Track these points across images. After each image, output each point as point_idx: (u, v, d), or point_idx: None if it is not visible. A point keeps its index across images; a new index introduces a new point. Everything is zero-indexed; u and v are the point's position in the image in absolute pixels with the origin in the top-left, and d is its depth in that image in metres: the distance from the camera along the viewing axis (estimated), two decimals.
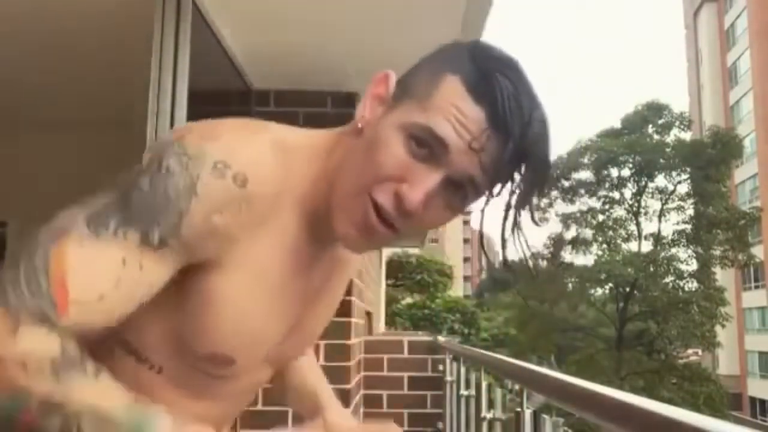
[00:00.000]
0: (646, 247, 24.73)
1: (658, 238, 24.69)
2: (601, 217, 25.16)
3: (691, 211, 24.61)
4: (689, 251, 24.36)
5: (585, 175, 25.44)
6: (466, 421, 3.19)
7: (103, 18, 2.54)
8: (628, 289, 23.28)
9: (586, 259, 25.08)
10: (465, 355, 3.41)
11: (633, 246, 24.89)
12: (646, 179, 24.98)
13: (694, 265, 24.05)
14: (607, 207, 25.38)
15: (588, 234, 25.16)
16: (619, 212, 25.42)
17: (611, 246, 24.77)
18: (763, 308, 32.23)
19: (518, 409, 1.60)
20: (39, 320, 0.69)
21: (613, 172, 25.08)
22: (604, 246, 24.92)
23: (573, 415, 1.09)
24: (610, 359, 22.92)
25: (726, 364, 33.44)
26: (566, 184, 25.46)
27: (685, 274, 23.59)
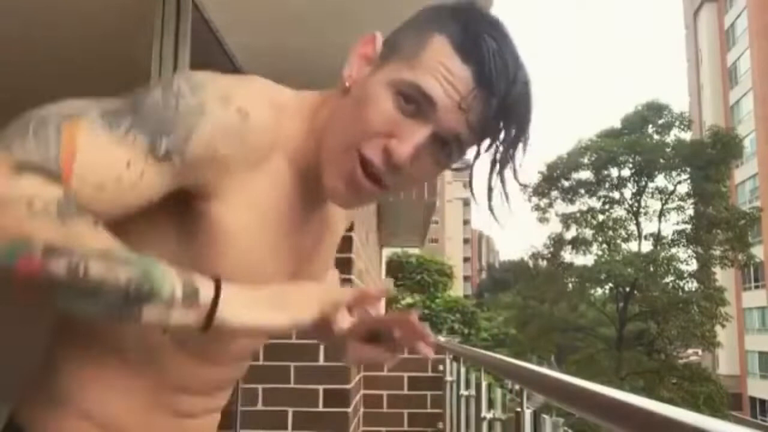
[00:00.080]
0: (646, 247, 24.78)
1: (658, 238, 24.71)
2: (601, 217, 25.16)
3: (691, 211, 24.63)
4: (689, 251, 24.40)
5: (585, 175, 25.47)
6: (466, 421, 3.19)
7: (103, 18, 2.54)
8: (628, 289, 23.29)
9: (586, 259, 25.11)
10: (465, 355, 3.41)
11: (633, 246, 24.93)
12: (646, 179, 25.00)
13: (694, 265, 24.08)
14: (607, 207, 25.40)
15: (588, 234, 25.14)
16: (619, 212, 25.47)
17: (611, 246, 24.77)
18: (763, 308, 32.21)
19: (518, 409, 1.60)
20: (42, 173, 0.67)
21: (613, 172, 25.10)
22: (604, 246, 24.92)
23: (573, 415, 1.09)
24: (610, 359, 22.92)
25: (726, 364, 33.44)
26: (566, 184, 25.47)
27: (685, 274, 23.62)
